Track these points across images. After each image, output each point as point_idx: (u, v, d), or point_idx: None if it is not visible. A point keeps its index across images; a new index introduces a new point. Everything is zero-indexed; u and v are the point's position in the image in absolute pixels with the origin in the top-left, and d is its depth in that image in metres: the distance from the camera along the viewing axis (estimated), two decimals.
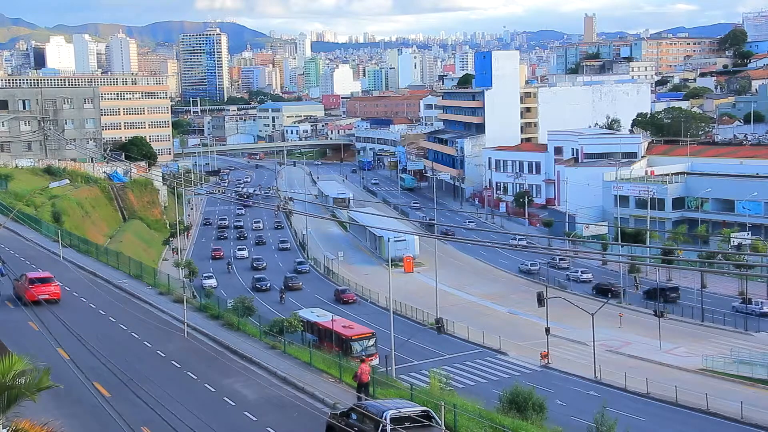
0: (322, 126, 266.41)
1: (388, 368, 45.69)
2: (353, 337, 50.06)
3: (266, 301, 75.61)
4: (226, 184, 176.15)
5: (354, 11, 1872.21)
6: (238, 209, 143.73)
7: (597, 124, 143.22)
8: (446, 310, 68.94)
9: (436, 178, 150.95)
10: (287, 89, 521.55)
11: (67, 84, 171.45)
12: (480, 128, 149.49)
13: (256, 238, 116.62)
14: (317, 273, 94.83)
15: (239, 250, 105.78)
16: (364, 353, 48.11)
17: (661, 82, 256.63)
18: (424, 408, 25.94)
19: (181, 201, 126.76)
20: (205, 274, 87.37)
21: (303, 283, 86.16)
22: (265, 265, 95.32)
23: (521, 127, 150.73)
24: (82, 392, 31.51)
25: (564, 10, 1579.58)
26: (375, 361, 47.77)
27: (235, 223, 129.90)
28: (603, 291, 77.74)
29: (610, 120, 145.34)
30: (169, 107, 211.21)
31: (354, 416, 26.14)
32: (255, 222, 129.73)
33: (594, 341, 55.24)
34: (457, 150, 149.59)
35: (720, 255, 68.40)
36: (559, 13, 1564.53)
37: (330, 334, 49.98)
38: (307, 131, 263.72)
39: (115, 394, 31.57)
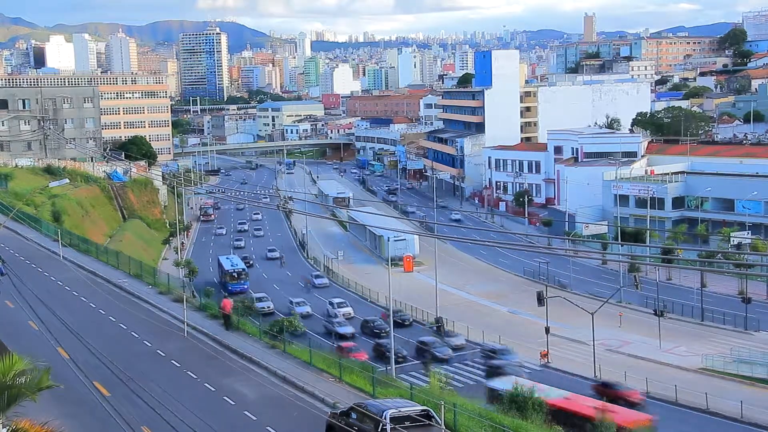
0: (322, 125, 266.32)
1: (388, 368, 45.68)
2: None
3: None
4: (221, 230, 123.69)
5: (354, 10, 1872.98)
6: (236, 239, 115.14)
7: (597, 123, 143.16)
8: (446, 310, 69.03)
9: (436, 177, 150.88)
10: (287, 89, 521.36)
11: (66, 83, 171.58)
12: (480, 127, 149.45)
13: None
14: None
15: (298, 305, 71.94)
16: None
17: (661, 82, 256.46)
18: (424, 407, 25.94)
19: (181, 200, 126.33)
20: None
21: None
22: (387, 329, 57.62)
23: (521, 127, 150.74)
24: (82, 392, 31.53)
25: (564, 10, 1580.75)
26: None
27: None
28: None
29: (609, 119, 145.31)
30: (169, 107, 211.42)
31: (354, 416, 26.14)
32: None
33: (594, 341, 55.23)
34: (456, 149, 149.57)
35: (720, 254, 68.37)
36: (559, 13, 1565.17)
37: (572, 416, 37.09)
38: (307, 131, 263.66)
39: (114, 393, 31.60)
